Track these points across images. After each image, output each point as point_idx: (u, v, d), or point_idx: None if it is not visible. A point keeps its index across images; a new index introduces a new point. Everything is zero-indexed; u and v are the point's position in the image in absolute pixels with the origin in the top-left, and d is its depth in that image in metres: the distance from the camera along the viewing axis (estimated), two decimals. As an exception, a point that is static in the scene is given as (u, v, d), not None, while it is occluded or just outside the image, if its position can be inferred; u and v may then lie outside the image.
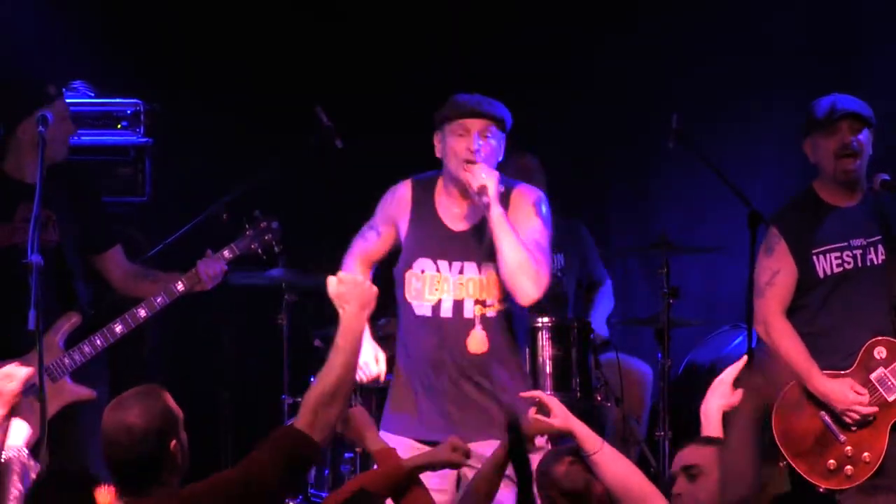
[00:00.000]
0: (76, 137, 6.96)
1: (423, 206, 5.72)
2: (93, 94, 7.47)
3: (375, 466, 4.85)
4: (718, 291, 8.04)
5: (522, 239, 5.50)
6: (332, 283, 4.45)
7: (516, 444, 4.43)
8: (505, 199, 5.59)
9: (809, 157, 6.08)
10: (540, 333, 6.70)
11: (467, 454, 4.77)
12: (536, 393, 4.96)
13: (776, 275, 6.01)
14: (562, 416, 4.76)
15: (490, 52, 8.18)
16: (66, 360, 6.12)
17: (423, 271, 5.66)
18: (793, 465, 5.93)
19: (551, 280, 7.46)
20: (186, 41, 8.01)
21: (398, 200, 5.78)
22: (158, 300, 6.20)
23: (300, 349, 7.35)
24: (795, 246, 6.01)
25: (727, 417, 4.89)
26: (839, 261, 5.99)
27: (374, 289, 4.49)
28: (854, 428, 5.92)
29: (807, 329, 5.98)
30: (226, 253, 6.34)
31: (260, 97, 8.06)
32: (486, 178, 5.50)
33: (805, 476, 5.91)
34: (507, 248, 5.46)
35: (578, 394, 6.69)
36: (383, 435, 5.40)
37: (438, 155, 5.68)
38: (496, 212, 5.48)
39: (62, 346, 6.14)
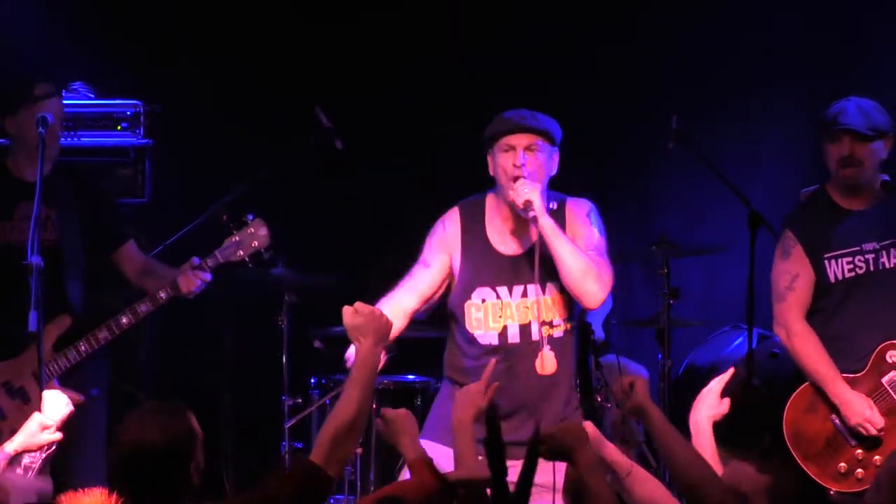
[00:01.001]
0: (76, 139, 6.97)
1: (474, 234, 5.66)
2: (93, 96, 7.48)
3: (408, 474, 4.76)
4: (719, 292, 8.03)
5: (579, 245, 5.50)
6: (348, 313, 4.38)
7: (529, 455, 4.34)
8: (560, 214, 5.59)
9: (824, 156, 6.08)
10: (540, 335, 6.70)
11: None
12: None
13: (796, 279, 6.01)
14: (595, 441, 4.62)
15: (490, 53, 8.18)
16: (53, 365, 6.09)
17: (483, 300, 5.61)
18: (803, 467, 5.93)
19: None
20: (186, 42, 8.01)
21: (449, 231, 5.70)
22: (142, 308, 6.15)
23: (300, 350, 7.35)
24: (810, 249, 6.01)
25: (716, 428, 4.87)
26: (850, 266, 5.99)
27: (390, 322, 4.44)
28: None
29: (822, 332, 5.98)
30: (209, 262, 6.22)
31: (260, 98, 8.06)
32: (528, 192, 5.47)
33: (815, 478, 5.90)
34: (565, 256, 5.44)
35: (579, 395, 6.68)
36: (427, 444, 5.32)
37: (492, 174, 5.64)
38: (546, 223, 5.45)
39: (51, 348, 6.12)
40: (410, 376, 7.19)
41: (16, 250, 5.96)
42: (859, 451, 5.92)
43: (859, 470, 5.91)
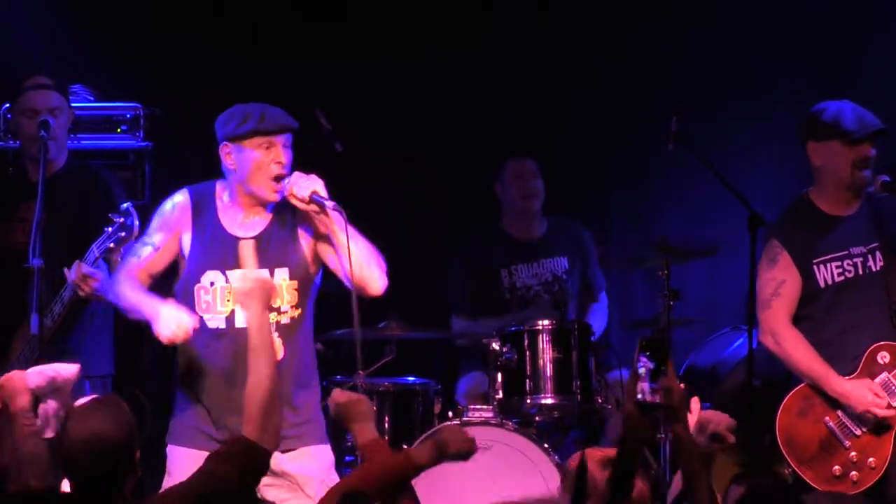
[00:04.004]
0: (76, 142, 6.98)
1: (205, 217, 5.68)
2: (92, 98, 7.48)
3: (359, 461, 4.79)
4: (719, 294, 8.03)
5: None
6: (238, 277, 4.56)
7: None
8: (291, 204, 5.61)
9: (814, 160, 6.07)
10: (540, 336, 6.71)
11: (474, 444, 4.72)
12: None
13: (781, 285, 6.02)
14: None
15: (490, 55, 8.18)
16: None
17: (212, 284, 5.61)
18: (798, 472, 5.94)
19: (555, 283, 7.51)
20: (186, 44, 8.00)
21: (178, 212, 5.69)
22: (56, 308, 6.09)
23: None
24: (797, 256, 6.02)
25: None
26: (840, 269, 6.01)
27: (275, 287, 4.69)
28: (859, 433, 5.93)
29: (812, 339, 5.99)
30: (88, 257, 5.98)
31: (259, 100, 8.03)
32: (311, 183, 5.53)
33: (811, 483, 5.92)
34: (355, 246, 5.50)
35: (579, 396, 6.69)
36: (173, 448, 5.56)
37: (231, 165, 5.62)
38: (337, 213, 5.52)
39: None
40: (410, 378, 7.19)
41: (8, 252, 5.99)
42: (853, 453, 5.93)
43: (854, 472, 5.92)
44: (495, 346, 6.75)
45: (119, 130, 7.41)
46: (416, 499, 4.59)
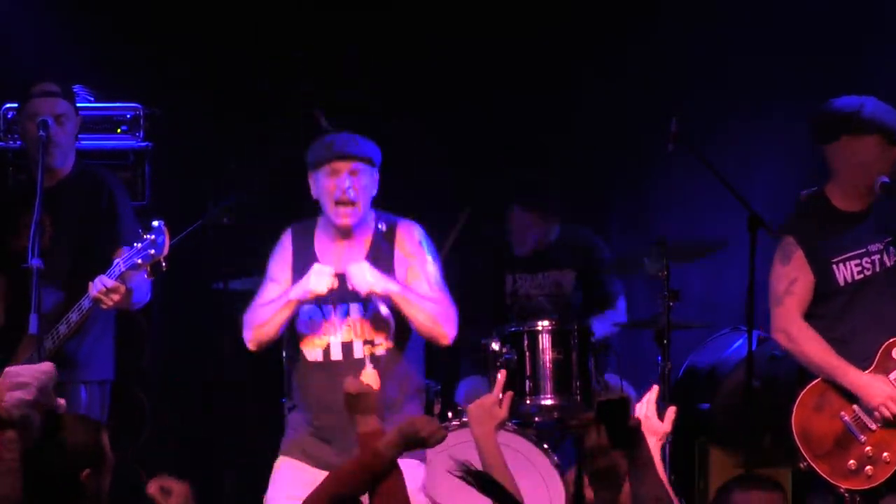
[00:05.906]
0: (76, 142, 6.99)
1: (303, 252, 5.83)
2: (92, 99, 7.47)
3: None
4: (719, 294, 8.03)
5: (420, 280, 5.68)
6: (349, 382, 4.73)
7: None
8: (390, 237, 5.79)
9: (841, 154, 6.04)
10: (540, 337, 6.71)
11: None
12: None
13: (794, 283, 6.02)
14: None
15: (489, 55, 8.18)
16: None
17: (310, 318, 5.79)
18: (814, 466, 5.94)
19: (559, 296, 7.52)
20: (186, 44, 8.01)
21: (281, 249, 5.88)
22: (73, 317, 6.10)
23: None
24: (813, 255, 6.02)
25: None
26: (859, 268, 6.01)
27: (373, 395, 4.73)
28: (874, 428, 5.94)
29: (826, 337, 5.99)
30: (113, 270, 5.98)
31: (260, 100, 8.06)
32: (370, 282, 5.63)
33: (826, 477, 5.93)
34: (417, 314, 5.67)
35: (579, 397, 6.69)
36: (283, 459, 5.77)
37: (315, 196, 5.78)
38: (396, 293, 5.64)
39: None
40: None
41: (16, 256, 5.98)
42: (868, 447, 5.94)
43: (868, 467, 5.93)
44: (495, 346, 6.75)
45: (119, 130, 7.41)
46: (400, 475, 4.64)
